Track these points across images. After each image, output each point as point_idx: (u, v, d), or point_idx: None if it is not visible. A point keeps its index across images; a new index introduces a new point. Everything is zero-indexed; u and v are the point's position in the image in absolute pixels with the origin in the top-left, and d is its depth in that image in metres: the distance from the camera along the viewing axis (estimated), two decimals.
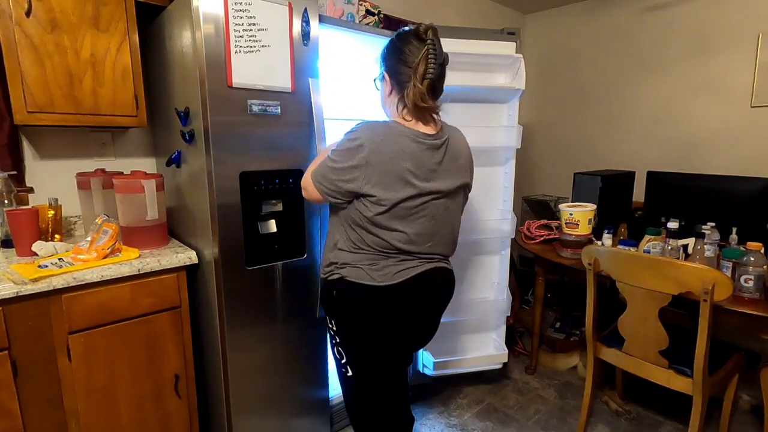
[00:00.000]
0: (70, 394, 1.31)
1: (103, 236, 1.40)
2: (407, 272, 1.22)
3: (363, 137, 1.15)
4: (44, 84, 1.39)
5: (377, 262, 1.21)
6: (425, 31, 1.18)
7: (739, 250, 1.62)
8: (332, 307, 1.29)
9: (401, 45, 1.21)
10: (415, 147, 1.17)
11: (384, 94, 1.30)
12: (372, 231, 1.19)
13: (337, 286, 1.24)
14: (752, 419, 2.05)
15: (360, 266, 1.21)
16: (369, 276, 1.20)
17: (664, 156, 3.04)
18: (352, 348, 1.29)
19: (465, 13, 3.20)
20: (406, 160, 1.16)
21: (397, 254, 1.22)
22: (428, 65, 1.16)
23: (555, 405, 2.20)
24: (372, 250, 1.21)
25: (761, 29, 2.59)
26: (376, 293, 1.20)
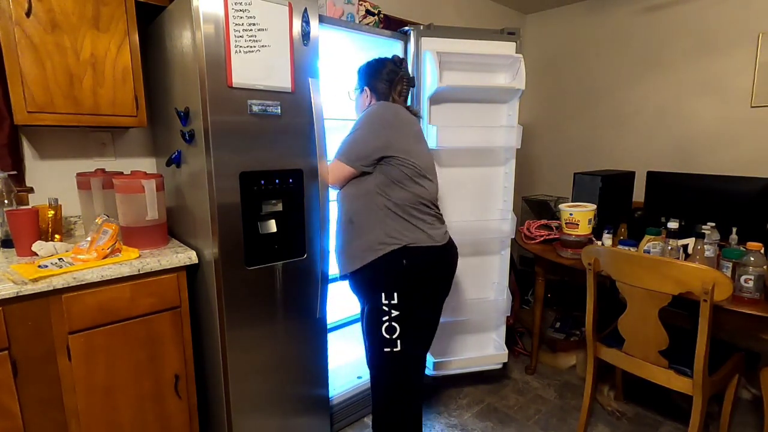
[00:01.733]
0: (70, 394, 1.31)
1: (103, 236, 1.40)
2: (447, 235, 1.49)
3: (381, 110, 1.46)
4: (44, 84, 1.39)
5: (427, 222, 1.43)
6: (400, 61, 1.58)
7: (739, 250, 1.62)
8: (399, 278, 1.40)
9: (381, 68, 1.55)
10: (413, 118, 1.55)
11: (361, 103, 1.60)
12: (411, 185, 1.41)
13: (405, 254, 1.38)
14: (752, 419, 2.05)
15: (418, 228, 1.40)
16: (429, 237, 1.41)
17: (664, 156, 3.04)
18: (413, 315, 1.42)
19: (465, 13, 3.20)
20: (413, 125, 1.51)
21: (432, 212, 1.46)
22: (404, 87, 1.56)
23: (555, 405, 2.20)
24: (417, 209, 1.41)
25: (761, 29, 2.59)
26: (439, 252, 1.43)
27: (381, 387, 1.49)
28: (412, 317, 1.41)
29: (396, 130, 1.43)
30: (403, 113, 1.49)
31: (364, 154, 1.41)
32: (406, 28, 1.94)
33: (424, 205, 1.44)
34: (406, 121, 1.48)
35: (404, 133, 1.44)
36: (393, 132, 1.42)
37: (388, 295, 1.40)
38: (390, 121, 1.43)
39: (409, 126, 1.48)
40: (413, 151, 1.43)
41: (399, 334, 1.41)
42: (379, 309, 1.41)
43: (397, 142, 1.41)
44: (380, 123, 1.43)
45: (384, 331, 1.41)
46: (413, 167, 1.41)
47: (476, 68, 2.07)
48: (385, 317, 1.41)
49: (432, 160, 1.53)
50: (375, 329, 1.43)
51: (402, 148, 1.41)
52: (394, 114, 1.45)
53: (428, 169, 1.48)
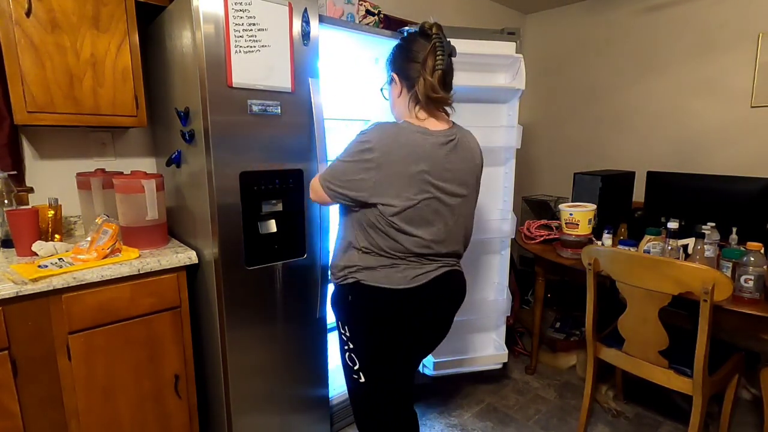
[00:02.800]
0: (70, 394, 1.31)
1: (103, 236, 1.40)
2: (424, 276, 1.21)
3: (373, 139, 1.13)
4: (44, 84, 1.39)
5: (396, 265, 1.19)
6: (430, 27, 1.20)
7: (739, 250, 1.61)
8: (347, 312, 1.26)
9: (408, 44, 1.23)
10: (428, 145, 1.16)
11: (393, 98, 1.29)
12: (390, 234, 1.17)
13: (353, 290, 1.22)
14: (752, 419, 2.05)
15: (377, 269, 1.19)
16: (387, 279, 1.19)
17: (664, 156, 3.04)
18: (368, 354, 1.26)
19: (465, 13, 3.20)
20: (419, 162, 1.14)
21: (414, 258, 1.20)
22: (437, 57, 1.17)
23: (555, 405, 2.20)
24: (388, 254, 1.19)
25: (761, 29, 2.59)
26: (393, 296, 1.19)
27: (355, 408, 1.38)
28: (369, 356, 1.26)
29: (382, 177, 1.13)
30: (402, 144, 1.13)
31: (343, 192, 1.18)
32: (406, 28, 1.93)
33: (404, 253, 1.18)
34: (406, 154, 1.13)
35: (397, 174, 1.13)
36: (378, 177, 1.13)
37: (342, 326, 1.29)
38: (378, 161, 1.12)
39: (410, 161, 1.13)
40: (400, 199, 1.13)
41: (359, 367, 1.27)
42: (340, 336, 1.31)
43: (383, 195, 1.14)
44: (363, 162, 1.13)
45: (347, 359, 1.30)
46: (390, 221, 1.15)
47: (476, 68, 2.07)
48: (345, 346, 1.29)
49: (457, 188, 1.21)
50: (341, 354, 1.32)
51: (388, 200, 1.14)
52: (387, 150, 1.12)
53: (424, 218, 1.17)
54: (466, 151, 1.25)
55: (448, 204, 1.20)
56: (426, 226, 1.18)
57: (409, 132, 1.16)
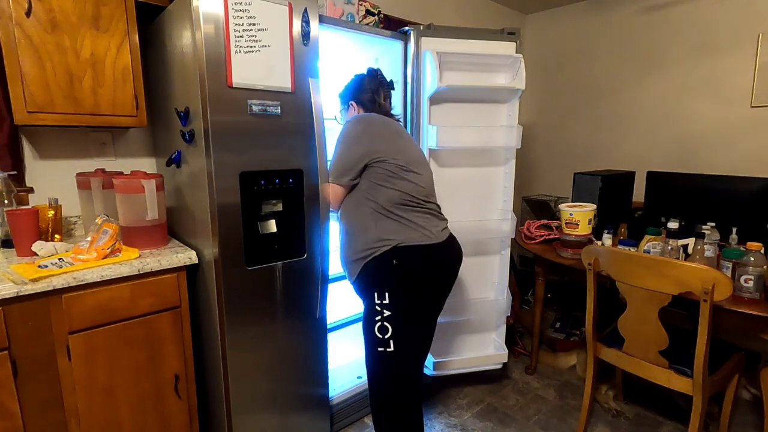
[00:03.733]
0: (70, 394, 1.31)
1: (103, 236, 1.40)
2: (443, 232, 1.46)
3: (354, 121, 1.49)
4: (44, 84, 1.39)
5: (418, 219, 1.41)
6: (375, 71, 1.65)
7: (739, 250, 1.61)
8: (389, 279, 1.39)
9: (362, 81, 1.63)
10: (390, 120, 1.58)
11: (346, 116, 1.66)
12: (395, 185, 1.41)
13: (396, 254, 1.38)
14: (752, 419, 2.05)
15: (406, 229, 1.39)
16: (423, 235, 1.40)
17: (664, 156, 3.04)
18: (404, 316, 1.41)
19: (465, 13, 3.20)
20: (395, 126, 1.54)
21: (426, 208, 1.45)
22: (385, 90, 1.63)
23: (555, 405, 2.20)
24: (406, 206, 1.41)
25: (761, 29, 2.59)
26: (433, 251, 1.40)
27: (377, 387, 1.49)
28: (405, 317, 1.41)
29: (372, 135, 1.46)
30: (376, 118, 1.53)
31: (348, 167, 1.44)
32: (406, 28, 1.94)
33: (415, 202, 1.43)
34: (381, 123, 1.51)
35: (381, 135, 1.47)
36: (370, 137, 1.45)
37: (380, 295, 1.41)
38: (365, 128, 1.48)
39: (386, 127, 1.51)
40: (393, 148, 1.45)
41: (391, 334, 1.40)
42: (373, 309, 1.42)
43: (377, 145, 1.44)
44: (356, 134, 1.47)
45: (377, 330, 1.41)
46: (395, 163, 1.42)
47: (476, 68, 2.07)
48: (378, 317, 1.41)
49: (420, 154, 1.56)
50: (370, 329, 1.43)
51: (381, 148, 1.43)
52: (368, 122, 1.50)
53: (415, 162, 1.48)
54: None
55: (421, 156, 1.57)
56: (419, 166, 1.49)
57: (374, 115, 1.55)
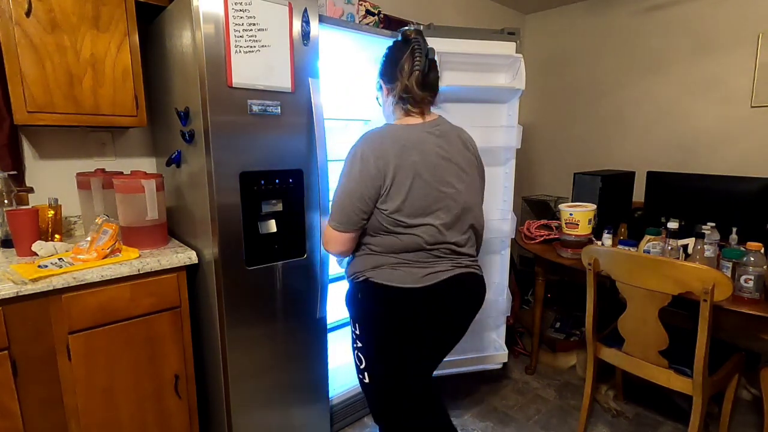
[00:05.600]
0: (70, 394, 1.31)
1: (103, 236, 1.40)
2: (435, 276, 1.21)
3: (361, 148, 1.19)
4: (44, 84, 1.39)
5: (407, 262, 1.21)
6: (410, 33, 1.27)
7: (739, 250, 1.61)
8: (356, 310, 1.29)
9: (391, 52, 1.30)
10: (414, 136, 1.21)
11: (382, 102, 1.36)
12: (397, 233, 1.20)
13: (362, 288, 1.25)
14: (752, 419, 2.05)
15: (385, 267, 1.21)
16: (394, 277, 1.20)
17: (664, 156, 3.04)
18: (371, 353, 1.27)
19: (465, 13, 3.20)
20: (411, 153, 1.18)
21: (425, 254, 1.21)
22: (414, 60, 1.22)
23: (555, 405, 2.20)
24: (398, 252, 1.21)
25: (761, 29, 2.59)
26: (399, 295, 1.19)
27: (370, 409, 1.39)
28: (375, 355, 1.27)
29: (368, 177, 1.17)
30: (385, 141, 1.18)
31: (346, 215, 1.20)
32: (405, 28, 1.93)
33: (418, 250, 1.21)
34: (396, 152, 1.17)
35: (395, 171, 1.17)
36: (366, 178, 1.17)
37: (353, 324, 1.31)
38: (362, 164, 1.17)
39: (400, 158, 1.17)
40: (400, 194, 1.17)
41: (365, 367, 1.28)
42: (352, 334, 1.33)
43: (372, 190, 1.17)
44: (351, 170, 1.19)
45: (355, 357, 1.32)
46: (393, 218, 1.18)
47: (476, 68, 2.07)
48: (354, 344, 1.32)
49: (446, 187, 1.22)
50: (352, 351, 1.34)
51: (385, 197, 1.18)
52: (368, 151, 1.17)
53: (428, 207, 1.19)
54: (457, 141, 1.28)
55: (446, 192, 1.22)
56: (431, 214, 1.20)
57: (393, 130, 1.23)
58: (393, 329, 1.23)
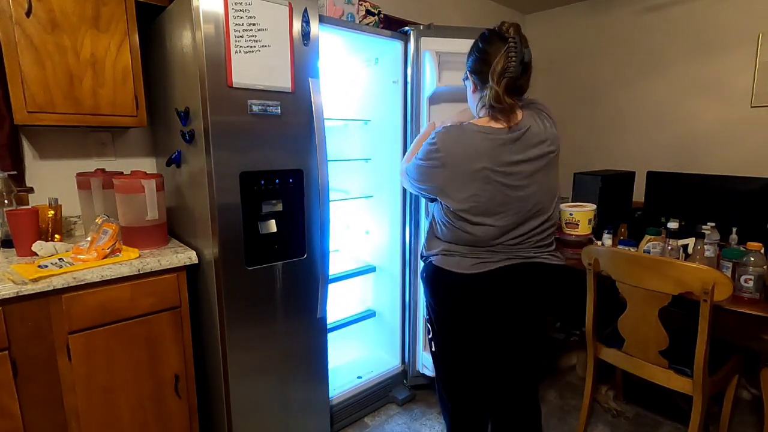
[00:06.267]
0: (70, 394, 1.31)
1: (103, 236, 1.40)
2: (485, 265, 1.26)
3: (439, 141, 1.24)
4: (44, 84, 1.39)
5: (459, 253, 1.29)
6: (507, 29, 1.19)
7: (739, 250, 1.61)
8: (424, 286, 1.42)
9: (483, 45, 1.24)
10: (488, 144, 1.20)
11: (469, 92, 1.35)
12: (459, 227, 1.27)
13: (427, 269, 1.38)
14: (752, 419, 2.05)
15: (444, 253, 1.32)
16: (449, 263, 1.30)
17: (664, 156, 3.04)
18: (440, 328, 1.41)
19: (465, 13, 3.20)
20: (480, 159, 1.20)
21: (482, 249, 1.28)
22: (508, 63, 1.17)
23: (555, 405, 2.19)
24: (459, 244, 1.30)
25: (761, 29, 2.59)
26: (453, 278, 1.29)
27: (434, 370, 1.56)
28: (440, 329, 1.41)
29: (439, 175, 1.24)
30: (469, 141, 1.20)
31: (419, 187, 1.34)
32: (406, 28, 1.94)
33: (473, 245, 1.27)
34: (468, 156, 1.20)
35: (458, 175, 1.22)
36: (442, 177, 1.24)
37: (425, 296, 1.45)
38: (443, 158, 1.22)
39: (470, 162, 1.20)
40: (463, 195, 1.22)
41: (432, 336, 1.44)
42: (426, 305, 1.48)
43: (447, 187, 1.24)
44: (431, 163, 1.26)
45: (426, 326, 1.50)
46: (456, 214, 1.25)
47: None
48: (426, 315, 1.48)
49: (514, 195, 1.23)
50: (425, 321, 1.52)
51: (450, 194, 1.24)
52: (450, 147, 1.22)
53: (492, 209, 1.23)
54: (534, 142, 1.24)
55: (514, 195, 1.23)
56: (494, 216, 1.24)
57: (471, 133, 1.22)
58: (446, 307, 1.37)
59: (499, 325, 1.34)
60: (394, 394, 2.16)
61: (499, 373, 1.43)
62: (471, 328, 1.36)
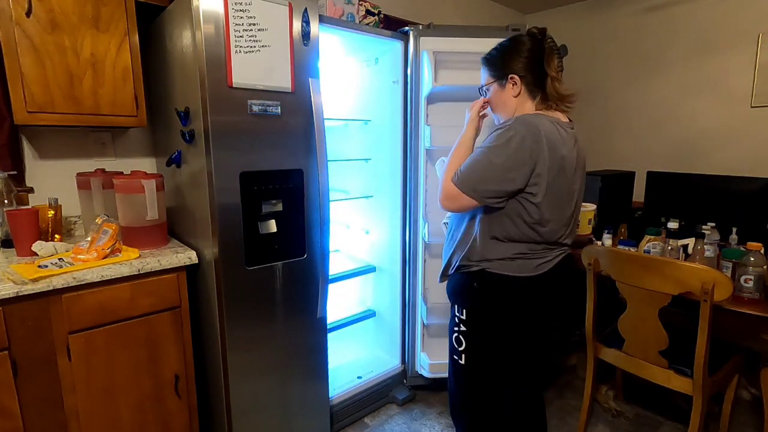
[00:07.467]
0: (70, 394, 1.31)
1: (103, 236, 1.40)
2: (546, 264, 1.27)
3: (518, 129, 1.17)
4: (44, 84, 1.39)
5: (524, 254, 1.25)
6: (540, 32, 1.27)
7: (739, 250, 1.61)
8: (467, 297, 1.33)
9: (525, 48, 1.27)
10: (564, 133, 1.23)
11: (504, 98, 1.32)
12: (527, 221, 1.22)
13: (479, 277, 1.28)
14: (752, 419, 2.05)
15: (503, 258, 1.25)
16: (511, 268, 1.25)
17: (664, 156, 3.04)
18: (480, 338, 1.34)
19: (465, 13, 3.20)
20: (562, 148, 1.20)
21: (541, 246, 1.26)
22: (557, 60, 1.26)
23: (555, 405, 2.19)
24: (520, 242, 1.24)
25: (761, 29, 2.59)
26: (518, 285, 1.25)
27: (451, 388, 1.48)
28: (480, 338, 1.34)
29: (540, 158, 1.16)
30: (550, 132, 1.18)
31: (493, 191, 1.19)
32: (405, 28, 1.94)
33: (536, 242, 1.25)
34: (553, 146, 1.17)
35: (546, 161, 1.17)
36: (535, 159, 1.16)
37: (459, 310, 1.36)
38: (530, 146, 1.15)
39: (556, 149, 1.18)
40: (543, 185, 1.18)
41: (465, 348, 1.36)
42: (453, 316, 1.39)
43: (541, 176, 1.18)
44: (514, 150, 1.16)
45: (454, 340, 1.39)
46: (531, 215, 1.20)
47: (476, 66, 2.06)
48: (455, 327, 1.38)
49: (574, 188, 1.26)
50: (449, 334, 1.41)
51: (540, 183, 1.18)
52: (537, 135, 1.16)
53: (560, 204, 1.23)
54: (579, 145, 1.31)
55: (573, 190, 1.27)
56: (560, 209, 1.24)
57: (548, 122, 1.21)
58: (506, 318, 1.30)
59: (546, 325, 1.36)
60: (394, 394, 2.16)
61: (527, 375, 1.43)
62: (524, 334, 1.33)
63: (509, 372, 1.41)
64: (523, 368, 1.42)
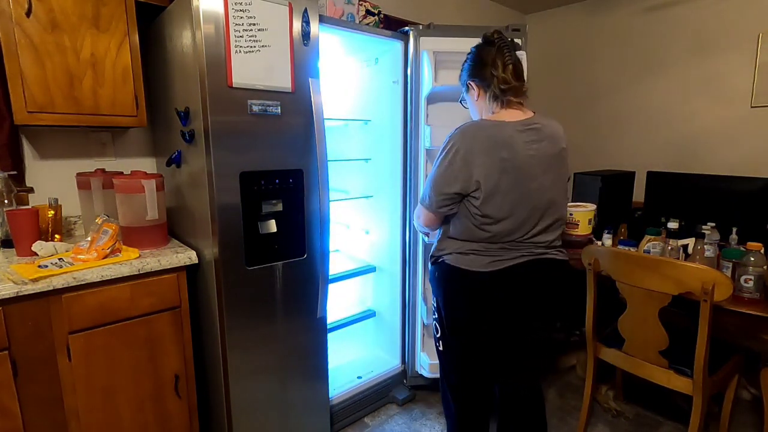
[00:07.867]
0: (70, 394, 1.31)
1: (103, 236, 1.40)
2: (501, 263, 1.29)
3: (455, 141, 1.26)
4: (44, 84, 1.39)
5: (478, 251, 1.30)
6: (492, 35, 1.34)
7: (739, 250, 1.61)
8: (435, 286, 1.43)
9: (478, 53, 1.36)
10: (506, 134, 1.26)
11: (472, 104, 1.42)
12: (476, 223, 1.28)
13: (440, 268, 1.38)
14: (752, 419, 2.05)
15: (458, 252, 1.33)
16: (464, 261, 1.31)
17: (664, 156, 3.04)
18: (449, 327, 1.41)
19: (465, 13, 3.20)
20: (500, 150, 1.24)
21: (496, 245, 1.30)
22: (505, 55, 1.30)
23: (555, 405, 2.19)
24: (473, 240, 1.31)
25: (761, 29, 2.59)
26: (468, 276, 1.30)
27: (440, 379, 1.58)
28: (449, 328, 1.41)
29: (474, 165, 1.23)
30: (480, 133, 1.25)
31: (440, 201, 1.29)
32: (405, 28, 1.94)
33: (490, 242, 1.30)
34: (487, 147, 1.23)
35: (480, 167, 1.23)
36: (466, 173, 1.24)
37: (434, 298, 1.47)
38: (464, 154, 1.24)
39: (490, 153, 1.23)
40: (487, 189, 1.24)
41: (440, 336, 1.47)
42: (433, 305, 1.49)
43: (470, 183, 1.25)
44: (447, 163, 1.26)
45: (434, 327, 1.50)
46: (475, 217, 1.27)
47: None
48: (434, 315, 1.49)
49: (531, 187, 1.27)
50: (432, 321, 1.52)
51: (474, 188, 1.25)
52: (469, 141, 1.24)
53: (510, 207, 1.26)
54: (547, 137, 1.32)
55: (530, 187, 1.27)
56: (512, 209, 1.27)
57: (486, 126, 1.28)
58: (459, 306, 1.37)
59: (511, 322, 1.37)
60: (394, 394, 2.16)
61: (508, 371, 1.46)
62: (484, 327, 1.37)
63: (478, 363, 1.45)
64: (493, 362, 1.45)
